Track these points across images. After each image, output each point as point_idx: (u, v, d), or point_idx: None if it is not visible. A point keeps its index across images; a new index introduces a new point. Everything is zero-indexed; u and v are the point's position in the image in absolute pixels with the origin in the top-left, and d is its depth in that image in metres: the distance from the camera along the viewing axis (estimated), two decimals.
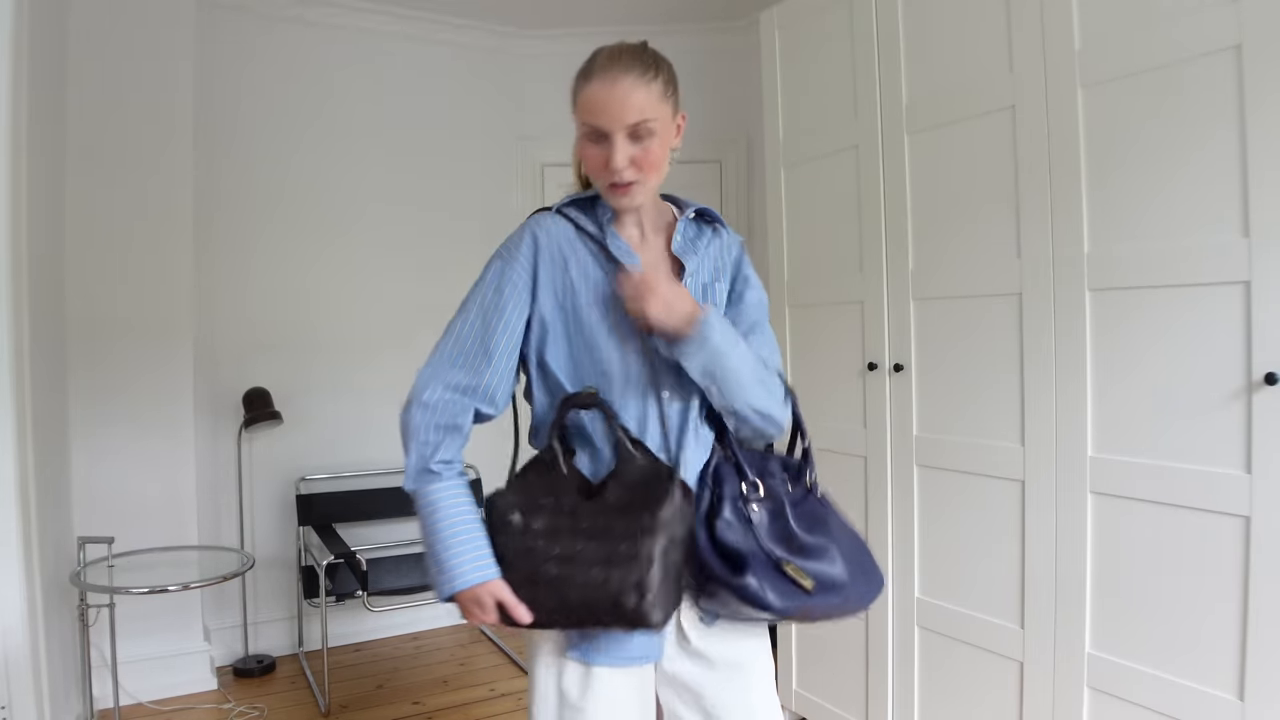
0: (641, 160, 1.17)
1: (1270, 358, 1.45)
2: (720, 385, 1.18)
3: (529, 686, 1.26)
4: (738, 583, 1.12)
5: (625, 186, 1.18)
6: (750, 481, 1.20)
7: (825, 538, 1.19)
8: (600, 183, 1.20)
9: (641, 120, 1.15)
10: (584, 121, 1.17)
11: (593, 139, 1.17)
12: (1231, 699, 1.52)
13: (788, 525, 1.19)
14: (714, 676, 1.24)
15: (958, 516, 2.05)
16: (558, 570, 1.12)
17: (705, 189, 3.82)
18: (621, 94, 1.14)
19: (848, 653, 2.36)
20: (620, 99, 1.14)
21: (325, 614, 3.00)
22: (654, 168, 1.19)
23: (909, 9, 2.12)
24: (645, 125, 1.15)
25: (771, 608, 1.12)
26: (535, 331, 1.23)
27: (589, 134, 1.18)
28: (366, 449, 3.54)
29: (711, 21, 3.71)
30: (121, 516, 2.83)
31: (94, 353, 2.85)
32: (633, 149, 1.16)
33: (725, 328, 1.18)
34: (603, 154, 1.17)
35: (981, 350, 1.97)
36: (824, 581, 1.16)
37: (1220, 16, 1.49)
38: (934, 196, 2.08)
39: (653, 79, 1.17)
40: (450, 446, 1.19)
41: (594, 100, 1.15)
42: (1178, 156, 1.58)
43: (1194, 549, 1.58)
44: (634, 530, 1.09)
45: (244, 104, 3.30)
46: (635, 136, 1.16)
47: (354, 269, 3.51)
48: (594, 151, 1.18)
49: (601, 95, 1.15)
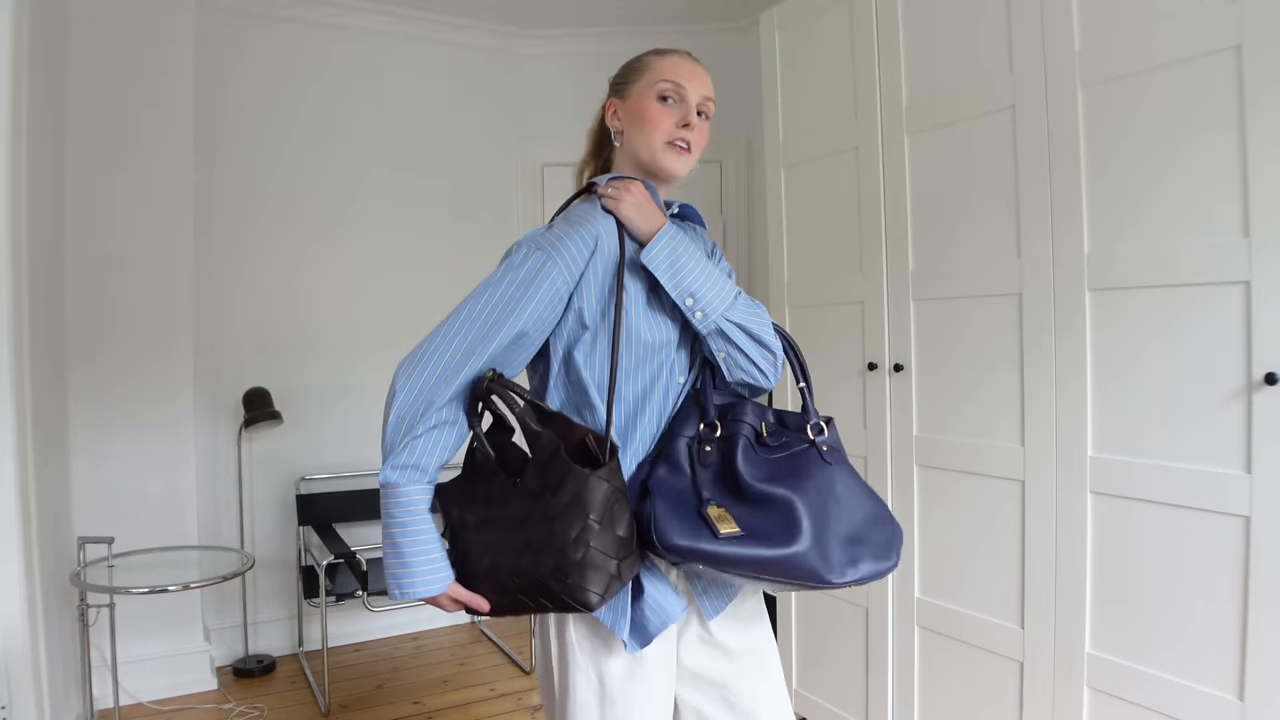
0: (700, 134, 1.25)
1: (1270, 358, 1.45)
2: (696, 296, 1.16)
3: (561, 686, 1.20)
4: (643, 512, 1.08)
5: (684, 150, 1.24)
6: (709, 422, 1.17)
7: (790, 490, 1.09)
8: (657, 141, 1.23)
9: (710, 98, 1.26)
10: (664, 79, 1.23)
11: (665, 100, 1.23)
12: (1231, 699, 1.52)
13: (734, 468, 1.12)
14: (735, 668, 1.23)
15: (957, 516, 2.05)
16: (491, 561, 1.11)
17: (705, 189, 3.82)
18: (704, 72, 1.27)
19: (848, 653, 2.36)
20: (701, 74, 1.26)
21: (325, 614, 3.00)
22: (701, 147, 1.27)
23: (909, 9, 2.12)
24: (709, 104, 1.26)
25: (667, 544, 1.05)
26: (570, 328, 1.18)
27: (663, 94, 1.23)
28: (366, 449, 3.54)
29: (711, 21, 3.71)
30: (121, 516, 2.83)
31: (94, 352, 2.85)
32: (696, 121, 1.24)
33: (688, 241, 1.20)
34: (675, 113, 1.23)
35: (981, 350, 1.97)
36: (755, 533, 1.05)
37: (1220, 16, 1.49)
38: (934, 196, 2.08)
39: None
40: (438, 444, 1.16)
41: (679, 66, 1.25)
42: (1178, 156, 1.58)
43: (1194, 549, 1.58)
44: (542, 516, 1.05)
45: (244, 104, 3.30)
46: (701, 112, 1.25)
47: (354, 269, 3.51)
48: (663, 111, 1.23)
49: (686, 64, 1.25)
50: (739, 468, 1.12)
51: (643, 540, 1.09)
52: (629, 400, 1.19)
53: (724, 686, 1.23)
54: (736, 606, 1.26)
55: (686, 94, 1.23)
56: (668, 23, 3.70)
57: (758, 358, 1.22)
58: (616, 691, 1.14)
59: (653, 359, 1.19)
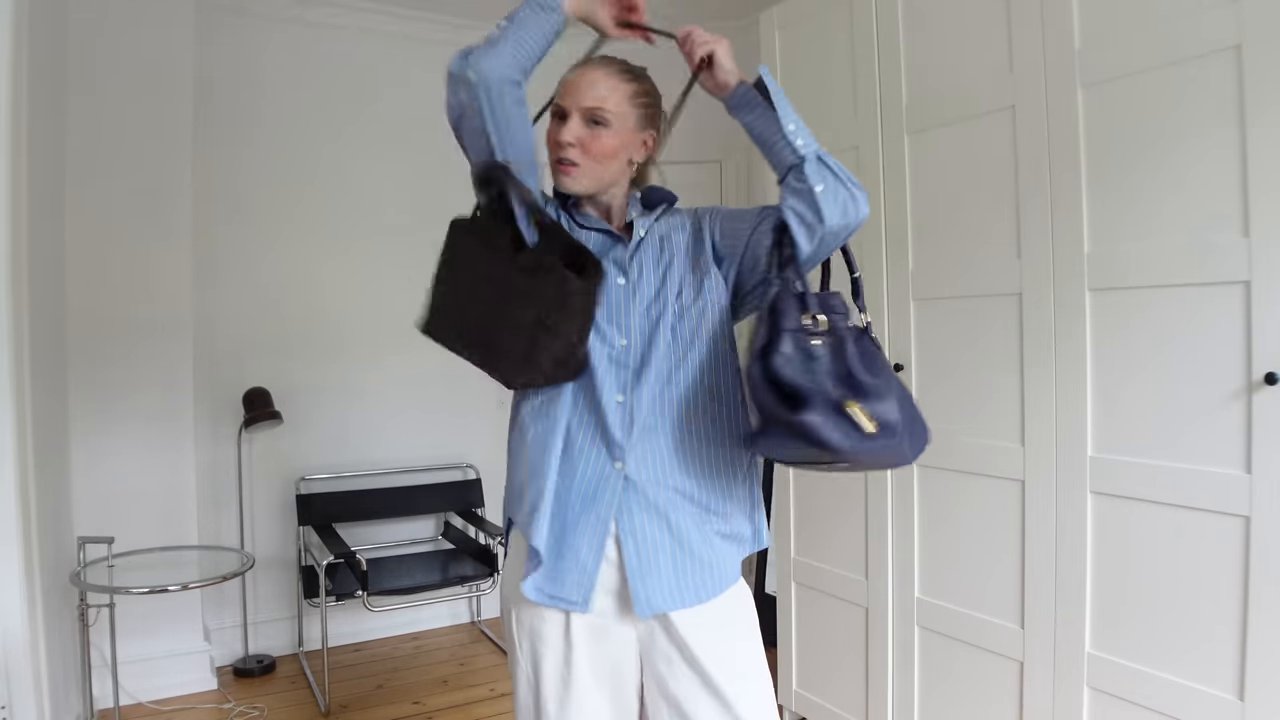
0: (589, 143, 1.22)
1: (1270, 358, 1.45)
2: (798, 125, 1.20)
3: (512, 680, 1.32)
4: (798, 420, 1.06)
5: (568, 166, 1.23)
6: (812, 315, 1.15)
7: (883, 379, 1.13)
8: (550, 160, 1.26)
9: (598, 106, 1.22)
10: (553, 99, 1.27)
11: (555, 117, 1.26)
12: (1231, 699, 1.52)
13: (847, 363, 1.12)
14: (705, 699, 1.21)
15: (958, 516, 2.05)
16: (469, 292, 1.23)
17: (705, 189, 3.82)
18: (589, 79, 1.24)
19: (848, 653, 2.36)
20: (587, 82, 1.24)
21: (325, 614, 3.00)
22: (601, 156, 1.23)
23: (909, 9, 2.11)
24: (600, 112, 1.22)
25: (832, 447, 1.06)
26: None
27: (553, 113, 1.26)
28: (366, 449, 3.54)
29: (711, 21, 3.68)
30: (121, 516, 2.82)
31: (94, 352, 2.85)
32: (583, 131, 1.22)
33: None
34: (557, 130, 1.24)
35: (981, 350, 1.97)
36: (884, 424, 1.09)
37: (1220, 16, 1.49)
38: (934, 196, 2.08)
39: (625, 80, 1.25)
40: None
41: (565, 82, 1.26)
42: (1178, 156, 1.58)
43: (1194, 549, 1.58)
44: (524, 289, 1.18)
45: (244, 104, 3.30)
46: (589, 121, 1.22)
47: (354, 268, 3.51)
48: (551, 127, 1.26)
49: (574, 76, 1.26)
50: (852, 362, 1.13)
51: (796, 431, 1.08)
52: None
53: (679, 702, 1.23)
54: (721, 625, 1.25)
55: (566, 108, 1.24)
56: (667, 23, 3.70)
57: (851, 186, 1.20)
58: (549, 692, 1.23)
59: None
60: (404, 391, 3.60)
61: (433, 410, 3.66)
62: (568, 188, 1.25)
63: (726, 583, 1.26)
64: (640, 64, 1.32)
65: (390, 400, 3.58)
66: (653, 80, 1.31)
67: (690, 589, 1.22)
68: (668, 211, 1.34)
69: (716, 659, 1.22)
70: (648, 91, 1.28)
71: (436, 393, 3.63)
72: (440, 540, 3.66)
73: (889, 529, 2.22)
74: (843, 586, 2.35)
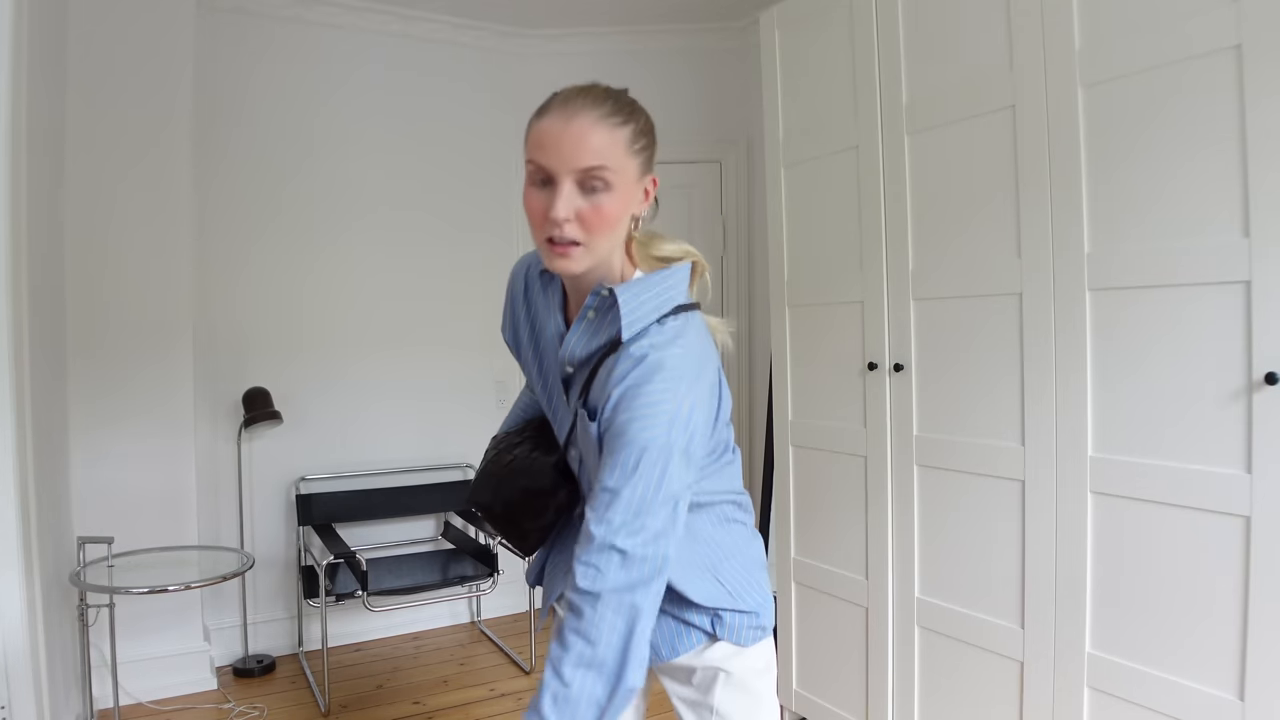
0: (589, 218, 0.98)
1: (1270, 358, 1.45)
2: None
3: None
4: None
5: (564, 246, 0.98)
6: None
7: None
8: (538, 237, 1.01)
9: (596, 166, 0.97)
10: (530, 160, 1.00)
11: (536, 182, 1.00)
12: (1231, 699, 1.52)
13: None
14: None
15: (958, 516, 2.05)
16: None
17: (705, 189, 3.82)
18: (577, 132, 0.96)
19: (848, 653, 2.36)
20: (575, 137, 0.96)
21: (325, 614, 3.00)
22: (604, 228, 0.99)
23: (909, 9, 2.11)
24: (599, 174, 0.97)
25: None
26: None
27: (533, 175, 1.00)
28: (366, 449, 3.54)
29: (711, 21, 3.71)
30: (121, 516, 2.82)
31: (94, 352, 2.85)
32: (581, 202, 0.98)
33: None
34: (545, 201, 0.98)
35: (981, 350, 1.97)
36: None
37: (1220, 16, 1.49)
38: (934, 196, 2.08)
39: (619, 124, 0.99)
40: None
41: (543, 134, 0.98)
42: (1178, 156, 1.58)
43: (1194, 549, 1.58)
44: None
45: (244, 104, 3.30)
46: (586, 187, 0.98)
47: (354, 269, 3.51)
48: (536, 198, 1.00)
49: (554, 130, 0.97)
50: None
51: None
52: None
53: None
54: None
55: (553, 172, 0.97)
56: (667, 22, 3.70)
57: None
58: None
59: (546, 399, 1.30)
60: (404, 391, 3.60)
61: (433, 410, 3.66)
62: (567, 271, 1.01)
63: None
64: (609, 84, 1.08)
65: (390, 400, 3.58)
66: (641, 106, 1.06)
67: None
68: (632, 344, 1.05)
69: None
70: (644, 129, 1.04)
71: (437, 392, 3.63)
72: (440, 540, 3.66)
73: (889, 529, 2.22)
74: (843, 586, 2.35)
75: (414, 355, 3.63)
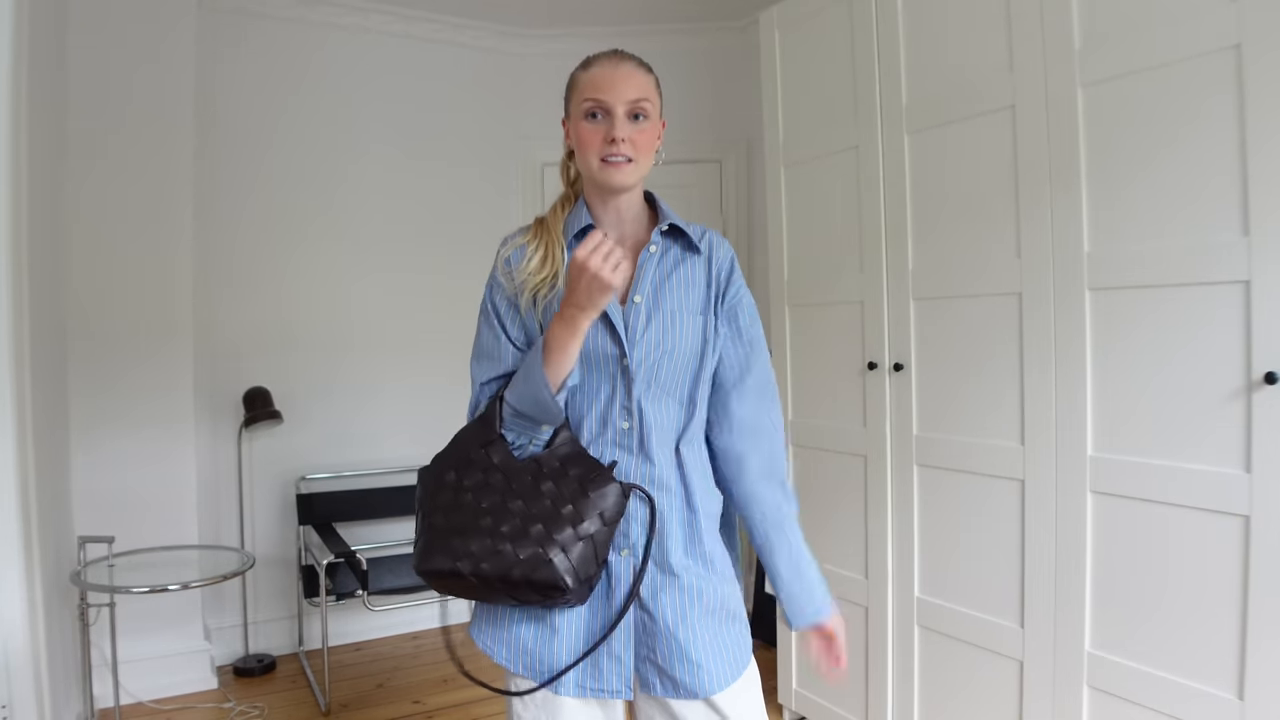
0: (638, 139, 1.22)
1: (1270, 358, 1.45)
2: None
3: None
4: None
5: (620, 163, 1.21)
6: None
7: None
8: (593, 161, 1.22)
9: (641, 98, 1.22)
10: (586, 98, 1.22)
11: (592, 117, 1.22)
12: (1231, 699, 1.52)
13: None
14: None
15: (958, 516, 2.05)
16: (489, 522, 1.15)
17: (705, 189, 3.82)
18: (626, 72, 1.23)
19: (848, 653, 2.35)
20: (625, 76, 1.22)
21: (325, 613, 3.00)
22: (648, 148, 1.24)
23: (909, 9, 2.12)
24: (643, 104, 1.22)
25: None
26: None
27: (589, 111, 1.22)
28: (366, 448, 3.54)
29: (711, 21, 3.71)
30: (121, 516, 2.83)
31: (94, 352, 2.85)
32: (630, 126, 1.21)
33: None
34: (602, 128, 1.21)
35: (981, 350, 1.97)
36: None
37: (1220, 16, 1.49)
38: (934, 196, 2.08)
39: (647, 72, 1.26)
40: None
41: (598, 78, 1.22)
42: (1177, 156, 1.58)
43: (1194, 549, 1.58)
44: (572, 496, 1.15)
45: (244, 104, 3.30)
46: (633, 115, 1.22)
47: (354, 268, 3.51)
48: (591, 129, 1.22)
49: (606, 73, 1.22)
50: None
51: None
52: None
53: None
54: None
55: (610, 105, 1.21)
56: (667, 22, 3.70)
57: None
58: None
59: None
60: (404, 390, 3.60)
61: (433, 409, 3.65)
62: (621, 183, 1.23)
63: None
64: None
65: (391, 399, 3.58)
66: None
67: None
68: (685, 259, 1.31)
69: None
70: (658, 82, 1.30)
71: (437, 391, 3.63)
72: None
73: (889, 528, 2.22)
74: (842, 586, 2.35)
75: (414, 354, 3.63)
